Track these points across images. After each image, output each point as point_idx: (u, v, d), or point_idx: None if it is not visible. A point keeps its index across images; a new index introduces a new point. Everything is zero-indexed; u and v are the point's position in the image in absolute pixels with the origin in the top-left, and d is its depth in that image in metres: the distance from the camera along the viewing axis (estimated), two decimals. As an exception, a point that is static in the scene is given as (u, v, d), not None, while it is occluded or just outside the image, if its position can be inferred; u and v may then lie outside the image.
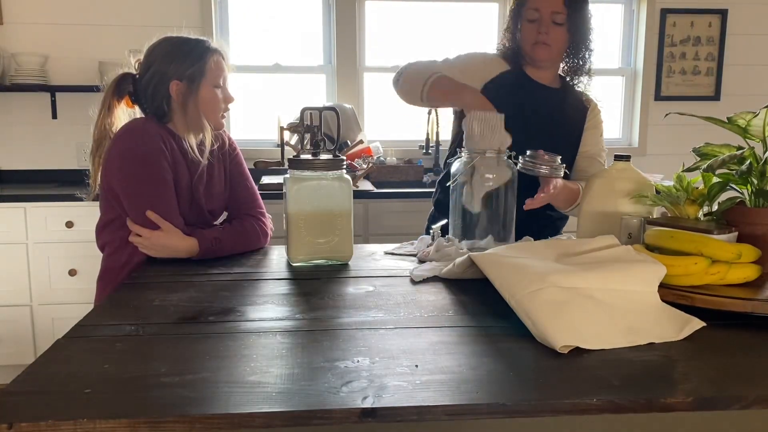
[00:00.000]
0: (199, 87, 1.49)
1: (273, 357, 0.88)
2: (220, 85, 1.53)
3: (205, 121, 1.51)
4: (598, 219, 1.43)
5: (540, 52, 1.66)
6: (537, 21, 1.64)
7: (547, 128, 1.70)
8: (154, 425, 0.70)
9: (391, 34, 3.48)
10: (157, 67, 1.49)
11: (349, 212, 1.41)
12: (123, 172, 1.44)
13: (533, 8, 1.64)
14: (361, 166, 3.12)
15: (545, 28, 1.63)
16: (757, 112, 1.21)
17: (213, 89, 1.51)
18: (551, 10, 1.61)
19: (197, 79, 1.49)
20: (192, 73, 1.48)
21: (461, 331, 0.99)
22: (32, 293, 2.83)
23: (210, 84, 1.50)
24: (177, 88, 1.48)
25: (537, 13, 1.63)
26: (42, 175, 3.27)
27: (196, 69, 1.48)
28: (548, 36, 1.63)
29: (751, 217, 1.19)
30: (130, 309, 1.10)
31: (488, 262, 1.13)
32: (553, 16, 1.62)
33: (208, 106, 1.51)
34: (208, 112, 1.51)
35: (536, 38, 1.64)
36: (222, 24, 3.36)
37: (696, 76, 3.55)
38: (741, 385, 0.80)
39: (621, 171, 1.44)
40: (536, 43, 1.65)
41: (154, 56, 1.50)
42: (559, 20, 1.62)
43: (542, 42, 1.64)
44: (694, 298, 1.04)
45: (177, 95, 1.49)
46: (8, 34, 3.15)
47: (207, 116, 1.51)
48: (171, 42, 1.51)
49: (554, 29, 1.63)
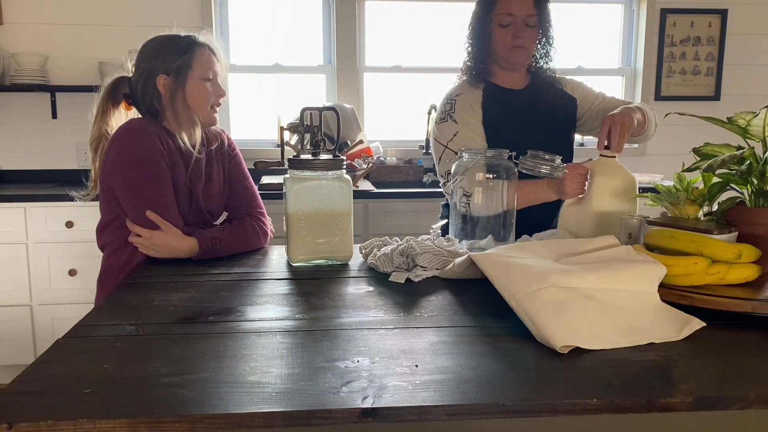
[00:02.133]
0: (185, 80, 1.48)
1: (273, 357, 0.88)
2: (209, 78, 1.51)
3: (195, 115, 1.51)
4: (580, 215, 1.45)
5: (518, 56, 1.69)
6: (511, 25, 1.66)
7: (545, 127, 1.73)
8: (154, 425, 0.70)
9: (391, 34, 3.48)
10: (145, 65, 1.49)
11: (349, 212, 1.41)
12: (121, 172, 1.44)
13: (506, 13, 1.65)
14: (361, 166, 3.12)
15: (521, 32, 1.65)
16: (757, 112, 1.21)
17: (201, 82, 1.50)
18: (525, 13, 1.64)
19: (183, 71, 1.48)
20: (178, 66, 1.47)
21: (461, 331, 0.99)
22: (32, 293, 2.83)
23: (197, 77, 1.49)
24: (164, 82, 1.48)
25: (510, 18, 1.65)
26: (42, 175, 3.27)
27: (183, 62, 1.47)
28: (524, 39, 1.66)
29: (751, 217, 1.19)
30: (130, 309, 1.10)
31: (488, 262, 1.13)
32: (527, 19, 1.65)
33: (196, 98, 1.50)
34: (197, 105, 1.50)
35: (513, 42, 1.66)
36: (222, 24, 3.36)
37: (696, 76, 3.54)
38: (741, 385, 0.80)
39: (604, 166, 1.46)
40: (514, 47, 1.67)
41: (143, 54, 1.50)
42: (531, 22, 1.66)
43: (519, 46, 1.66)
44: (694, 298, 1.04)
45: (165, 90, 1.48)
46: (8, 34, 3.15)
47: (196, 109, 1.50)
48: (158, 38, 1.51)
49: (528, 31, 1.67)
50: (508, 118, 1.71)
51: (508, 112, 1.73)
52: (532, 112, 1.74)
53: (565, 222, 1.51)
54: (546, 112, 1.75)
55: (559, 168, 1.47)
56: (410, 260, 1.33)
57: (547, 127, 1.74)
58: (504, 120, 1.70)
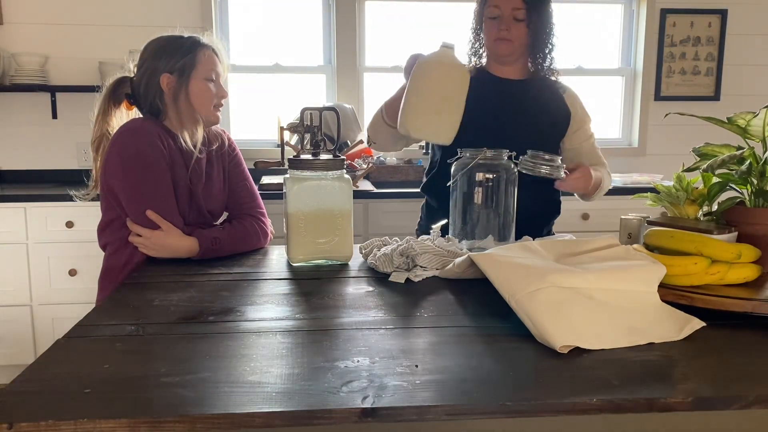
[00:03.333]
0: (189, 79, 1.49)
1: (273, 357, 0.88)
2: (212, 79, 1.52)
3: (198, 114, 1.52)
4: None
5: (501, 48, 1.73)
6: (498, 18, 1.71)
7: (526, 118, 1.74)
8: (154, 425, 0.70)
9: (391, 34, 3.48)
10: (149, 64, 1.50)
11: (349, 212, 1.41)
12: (122, 171, 1.44)
13: (494, 5, 1.71)
14: (361, 166, 3.12)
15: (506, 25, 1.69)
16: (757, 112, 1.21)
17: (204, 82, 1.51)
18: (511, 6, 1.69)
19: (187, 71, 1.49)
20: (182, 65, 1.48)
21: (461, 331, 0.99)
22: (32, 293, 2.83)
23: (201, 77, 1.50)
24: (168, 81, 1.49)
25: (498, 10, 1.70)
26: (42, 175, 3.27)
27: (187, 61, 1.49)
28: (509, 32, 1.70)
29: (751, 217, 1.19)
30: (130, 309, 1.10)
31: (488, 262, 1.13)
32: (514, 13, 1.69)
33: (199, 98, 1.51)
34: (200, 104, 1.52)
35: (497, 34, 1.71)
36: (222, 24, 3.36)
37: (696, 76, 3.55)
38: (741, 385, 0.80)
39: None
40: (497, 39, 1.71)
41: (147, 53, 1.51)
42: (519, 16, 1.69)
43: (503, 38, 1.70)
44: (694, 298, 1.04)
45: (168, 88, 1.49)
46: (8, 34, 3.15)
47: (199, 109, 1.52)
48: (162, 38, 1.52)
49: (515, 25, 1.70)
50: (485, 98, 1.72)
51: (489, 95, 1.74)
52: (519, 102, 1.75)
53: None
54: (533, 107, 1.75)
55: (560, 168, 1.47)
56: (410, 260, 1.33)
57: (529, 120, 1.74)
58: (480, 100, 1.69)
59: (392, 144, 1.80)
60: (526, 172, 1.46)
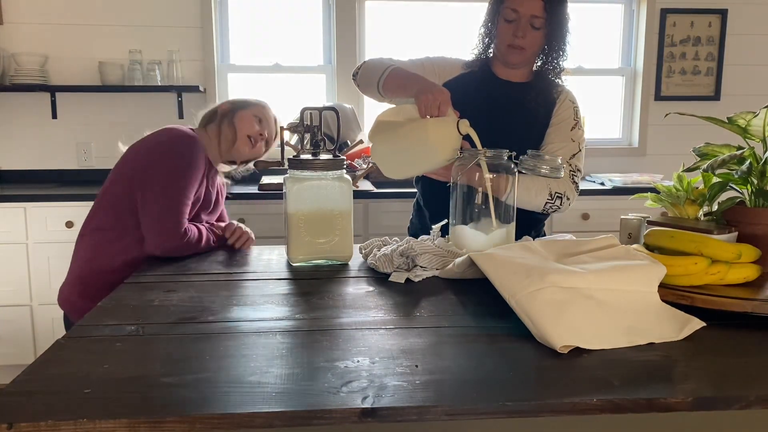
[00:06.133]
0: (239, 111, 1.72)
1: (273, 357, 0.88)
2: (259, 124, 1.73)
3: (236, 141, 1.70)
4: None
5: (513, 56, 1.64)
6: (515, 22, 1.60)
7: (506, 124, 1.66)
8: (154, 425, 0.70)
9: (391, 34, 3.48)
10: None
11: (349, 212, 1.41)
12: (166, 164, 1.55)
13: (512, 8, 1.60)
14: (361, 166, 3.11)
15: (522, 32, 1.59)
16: (757, 112, 1.21)
17: (251, 116, 1.73)
18: (530, 13, 1.58)
19: (241, 107, 1.74)
20: (242, 102, 1.76)
21: (461, 331, 0.99)
22: (32, 293, 2.83)
23: (251, 113, 1.73)
24: (224, 106, 1.74)
25: (515, 14, 1.59)
26: (42, 175, 3.27)
27: (247, 102, 1.77)
28: (524, 40, 1.60)
29: (751, 217, 1.19)
30: (130, 309, 1.10)
31: (488, 262, 1.13)
32: (532, 20, 1.59)
33: (243, 122, 1.71)
34: (242, 127, 1.70)
35: (512, 41, 1.61)
36: (222, 24, 3.36)
37: (696, 76, 3.54)
38: (741, 385, 0.80)
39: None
40: (511, 45, 1.62)
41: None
42: (537, 24, 1.59)
43: (517, 46, 1.61)
44: (694, 298, 1.04)
45: (222, 112, 1.73)
46: (8, 34, 3.15)
47: (239, 130, 1.70)
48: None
49: (531, 33, 1.60)
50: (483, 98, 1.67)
51: (488, 96, 1.68)
52: (514, 105, 1.68)
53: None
54: (526, 113, 1.69)
55: (560, 168, 1.47)
56: (410, 260, 1.33)
57: (519, 123, 1.68)
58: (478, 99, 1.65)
59: (371, 96, 1.78)
60: (526, 172, 1.46)
